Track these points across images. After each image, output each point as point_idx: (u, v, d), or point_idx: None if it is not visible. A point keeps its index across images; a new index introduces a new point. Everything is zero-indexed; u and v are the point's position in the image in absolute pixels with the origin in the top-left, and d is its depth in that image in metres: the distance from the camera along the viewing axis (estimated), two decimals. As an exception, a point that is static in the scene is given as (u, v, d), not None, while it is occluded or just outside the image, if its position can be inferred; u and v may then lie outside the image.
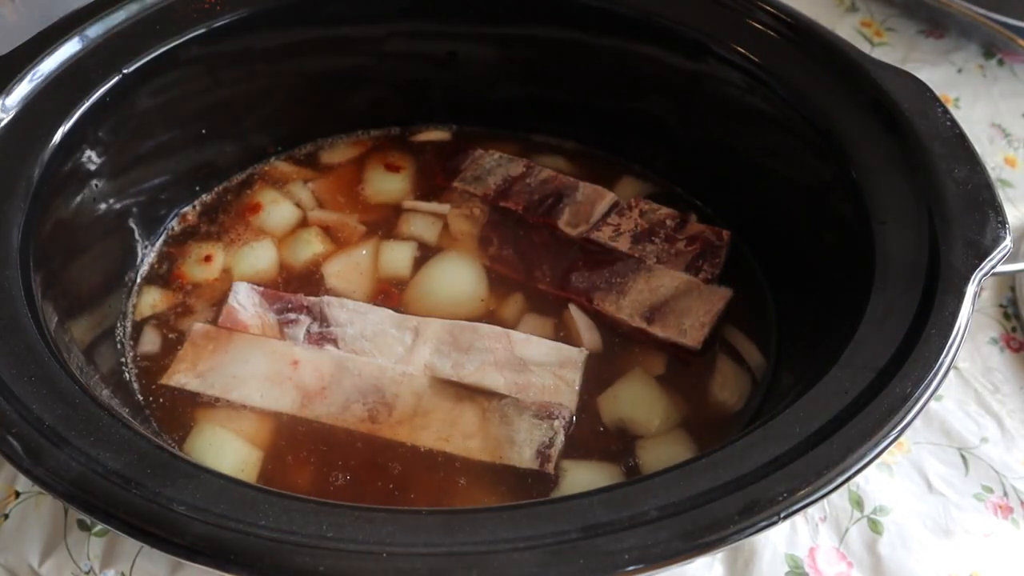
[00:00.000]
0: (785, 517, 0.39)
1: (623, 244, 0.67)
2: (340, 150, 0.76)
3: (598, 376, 0.61)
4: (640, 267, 0.66)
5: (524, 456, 0.56)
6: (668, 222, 0.69)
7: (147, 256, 0.68)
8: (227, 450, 0.56)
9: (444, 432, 0.57)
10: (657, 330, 0.63)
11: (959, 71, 0.93)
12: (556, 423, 0.57)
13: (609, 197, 0.70)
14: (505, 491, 0.55)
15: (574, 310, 0.65)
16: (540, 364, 0.61)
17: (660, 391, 0.61)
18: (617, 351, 0.63)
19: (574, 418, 0.59)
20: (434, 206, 0.72)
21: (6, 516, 0.58)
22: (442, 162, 0.75)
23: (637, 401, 0.60)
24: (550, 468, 0.56)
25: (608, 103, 0.73)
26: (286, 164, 0.75)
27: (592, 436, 0.59)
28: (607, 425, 0.59)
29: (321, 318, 0.62)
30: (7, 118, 0.55)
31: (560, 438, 0.57)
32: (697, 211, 0.72)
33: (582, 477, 0.56)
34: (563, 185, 0.72)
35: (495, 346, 0.61)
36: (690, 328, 0.62)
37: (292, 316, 0.62)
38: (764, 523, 0.39)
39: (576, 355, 0.61)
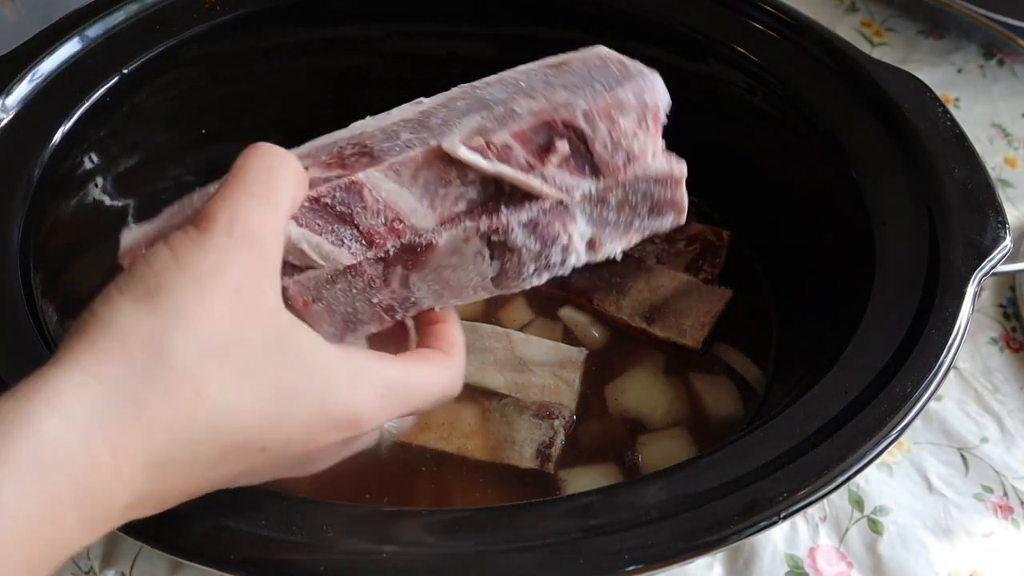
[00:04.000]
0: (785, 517, 0.39)
1: (623, 244, 0.67)
2: (340, 150, 0.76)
3: (598, 376, 0.61)
4: (640, 267, 0.66)
5: (524, 456, 0.56)
6: (668, 222, 0.69)
7: (147, 256, 0.68)
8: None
9: (444, 432, 0.57)
10: (657, 330, 0.62)
11: (959, 71, 0.93)
12: (556, 423, 0.57)
13: (609, 197, 0.70)
14: (505, 491, 0.55)
15: (566, 312, 0.65)
16: (540, 364, 0.61)
17: (665, 383, 0.61)
18: (617, 351, 0.63)
19: (574, 417, 0.59)
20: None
21: (6, 516, 0.57)
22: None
23: (642, 394, 0.60)
24: (550, 468, 0.56)
25: (608, 103, 0.73)
26: (286, 164, 0.75)
27: (592, 435, 0.59)
28: (608, 423, 0.59)
29: (321, 318, 0.62)
30: (7, 118, 0.55)
31: (560, 438, 0.57)
32: (697, 210, 0.72)
33: (582, 477, 0.56)
34: (563, 185, 0.71)
35: (495, 346, 0.61)
36: (690, 328, 0.62)
37: (292, 316, 0.62)
38: (764, 523, 0.39)
39: (576, 355, 0.61)
